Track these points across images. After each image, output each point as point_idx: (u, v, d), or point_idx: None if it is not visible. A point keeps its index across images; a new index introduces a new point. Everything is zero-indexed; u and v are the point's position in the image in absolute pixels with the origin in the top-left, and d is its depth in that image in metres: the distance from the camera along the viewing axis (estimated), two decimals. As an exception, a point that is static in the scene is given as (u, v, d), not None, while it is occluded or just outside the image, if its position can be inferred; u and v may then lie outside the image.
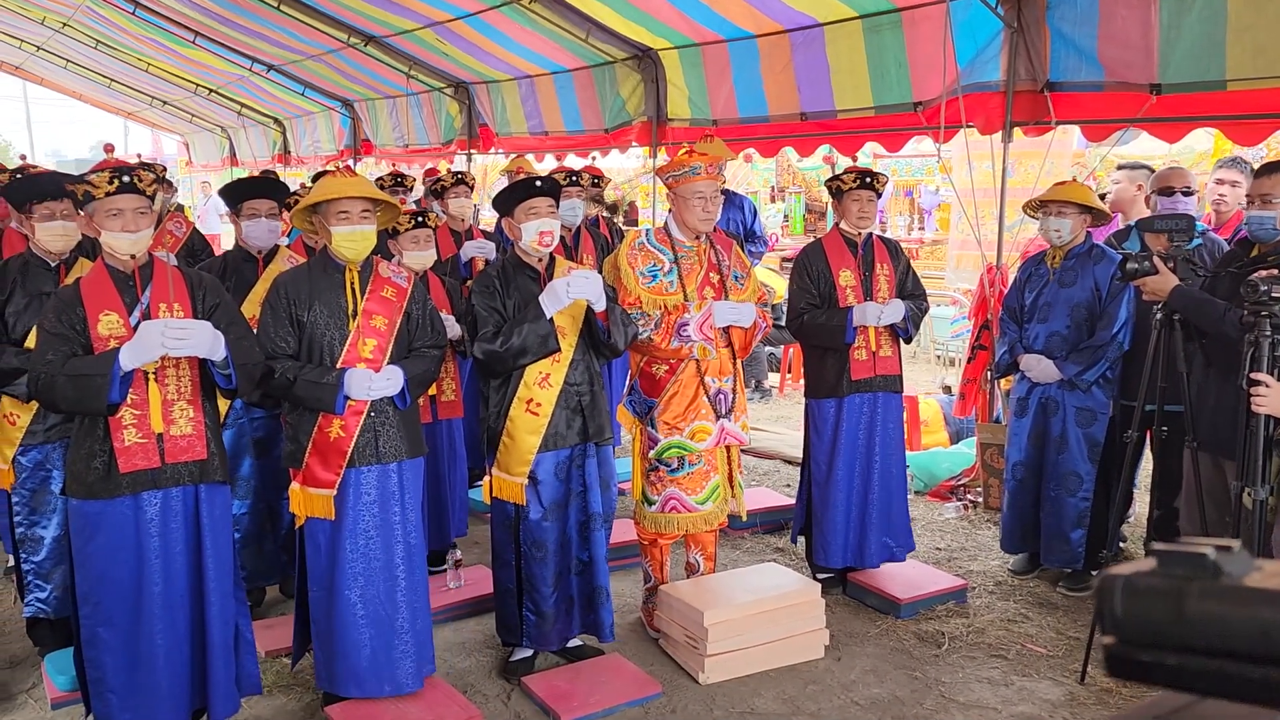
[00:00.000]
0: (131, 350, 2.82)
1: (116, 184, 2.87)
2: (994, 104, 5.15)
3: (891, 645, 4.02)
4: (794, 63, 6.11)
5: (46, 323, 2.95)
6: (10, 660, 3.95)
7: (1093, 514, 4.39)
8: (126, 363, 2.82)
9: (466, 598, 4.35)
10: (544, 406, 3.57)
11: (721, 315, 3.87)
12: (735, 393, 4.02)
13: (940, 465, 5.92)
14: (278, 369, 3.23)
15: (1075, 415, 4.36)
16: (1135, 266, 3.48)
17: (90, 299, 2.95)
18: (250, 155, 14.94)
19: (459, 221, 5.65)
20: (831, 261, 4.32)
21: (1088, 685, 3.66)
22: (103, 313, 2.95)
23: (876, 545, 4.38)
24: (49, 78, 15.88)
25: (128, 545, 3.01)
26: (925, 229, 13.30)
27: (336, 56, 9.67)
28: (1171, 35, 4.36)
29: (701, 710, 3.56)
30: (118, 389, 2.84)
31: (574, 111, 8.14)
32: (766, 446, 6.82)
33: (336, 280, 3.36)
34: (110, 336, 2.94)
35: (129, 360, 2.83)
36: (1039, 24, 4.94)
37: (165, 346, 2.83)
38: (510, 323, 3.49)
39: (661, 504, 3.98)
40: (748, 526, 5.23)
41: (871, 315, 4.21)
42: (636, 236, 4.00)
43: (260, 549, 4.30)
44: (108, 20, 10.74)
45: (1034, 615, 4.27)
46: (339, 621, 3.34)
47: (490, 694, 3.69)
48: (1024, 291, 4.59)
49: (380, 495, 3.38)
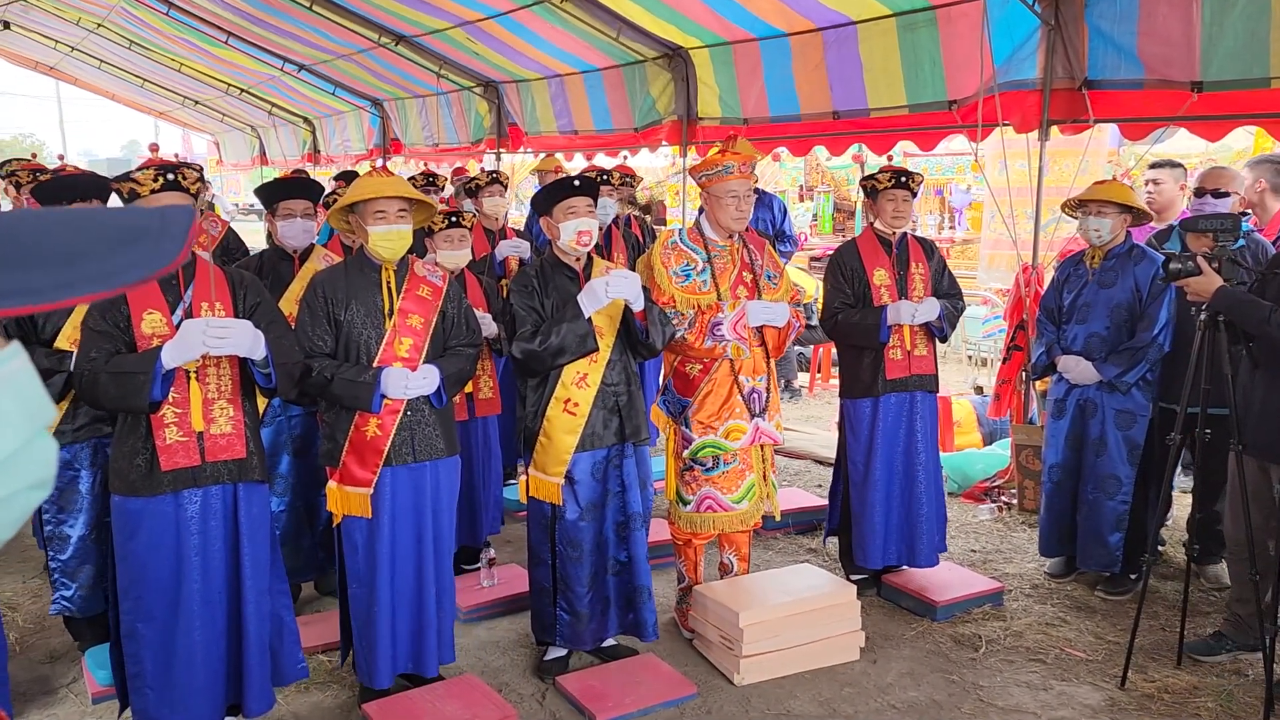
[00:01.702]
0: (173, 349, 2.85)
1: (161, 181, 2.90)
2: (1030, 102, 5.10)
3: (928, 648, 3.99)
4: (827, 61, 6.08)
5: (90, 321, 2.98)
6: (50, 655, 3.99)
7: (1131, 517, 4.34)
8: (168, 361, 2.84)
9: (500, 596, 4.35)
10: (581, 406, 3.57)
11: (755, 315, 3.85)
12: (769, 392, 4.01)
13: (974, 466, 5.87)
14: (315, 367, 3.25)
15: (1114, 417, 4.31)
16: (1178, 267, 3.43)
17: (134, 297, 2.98)
18: (280, 154, 15.05)
19: (493, 220, 5.66)
20: (866, 260, 4.30)
21: (1128, 690, 3.62)
22: (146, 311, 2.97)
23: (927, 544, 4.36)
24: (82, 78, 16.05)
25: (168, 542, 3.03)
26: (956, 228, 13.20)
27: (367, 56, 9.72)
28: (1214, 32, 4.30)
29: (737, 711, 3.54)
30: (159, 387, 2.86)
31: (604, 110, 8.14)
32: (797, 446, 6.79)
33: (373, 279, 3.37)
34: (153, 335, 2.96)
35: (171, 359, 2.85)
36: (1077, 21, 4.89)
37: (206, 345, 2.85)
38: (549, 322, 3.49)
39: (697, 503, 3.97)
40: (780, 527, 5.21)
41: (906, 313, 4.18)
42: (669, 236, 3.99)
43: (298, 546, 4.32)
44: (142, 21, 10.84)
45: (1072, 619, 4.22)
46: (377, 616, 3.36)
47: (525, 693, 3.69)
48: (1062, 292, 4.54)
49: (415, 493, 3.40)
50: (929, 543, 4.38)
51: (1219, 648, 3.82)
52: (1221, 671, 3.74)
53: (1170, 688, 3.62)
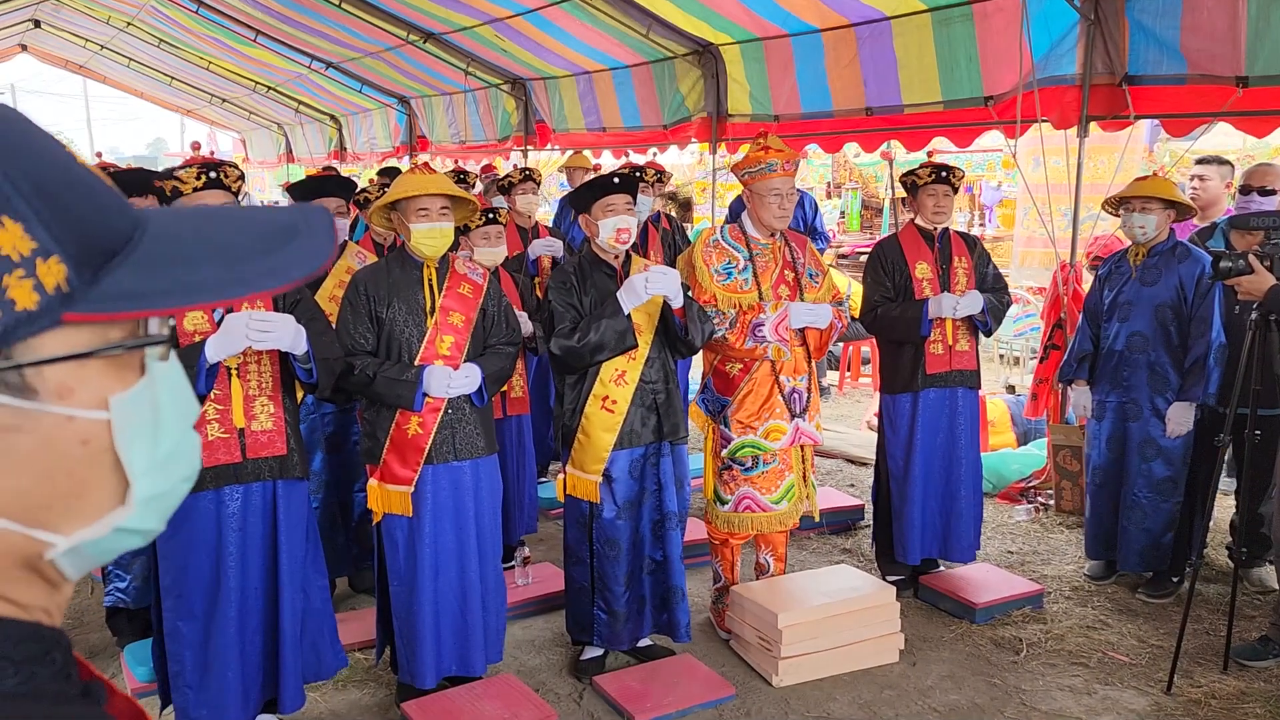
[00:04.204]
0: (217, 343, 2.84)
1: (204, 180, 2.90)
2: (1069, 98, 5.03)
3: (968, 651, 3.94)
4: (860, 57, 6.02)
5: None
6: (90, 651, 4.01)
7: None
8: (212, 355, 2.84)
9: (534, 595, 4.34)
10: (619, 404, 3.55)
11: (798, 317, 3.81)
12: (809, 392, 3.97)
13: (1009, 466, 5.81)
14: (357, 365, 3.24)
15: (1163, 420, 4.24)
16: (1229, 265, 3.37)
17: None
18: (306, 152, 15.11)
19: (525, 218, 5.64)
20: (908, 254, 4.25)
21: (1174, 696, 3.56)
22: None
23: (965, 539, 4.33)
24: (111, 76, 16.16)
25: (209, 539, 3.04)
26: (987, 225, 13.08)
27: (395, 53, 9.72)
28: (1260, 26, 4.23)
29: (776, 713, 3.51)
30: (204, 381, 2.87)
31: (632, 107, 8.11)
32: (830, 445, 6.74)
33: (415, 277, 3.36)
34: (195, 331, 2.96)
35: (214, 353, 2.84)
36: (1118, 16, 4.82)
37: (250, 339, 2.84)
38: (588, 318, 3.46)
39: (735, 503, 3.93)
40: (815, 527, 5.17)
41: (948, 306, 4.13)
42: (711, 234, 3.95)
43: (332, 543, 4.32)
44: (171, 19, 10.90)
45: (1114, 622, 4.17)
46: (418, 615, 3.35)
47: (562, 693, 3.67)
48: (1103, 289, 4.48)
49: (456, 491, 3.39)
50: (966, 538, 4.35)
51: (1266, 652, 3.75)
52: (1269, 677, 3.68)
53: (1217, 693, 3.56)
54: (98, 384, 0.60)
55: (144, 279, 0.58)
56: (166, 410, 0.64)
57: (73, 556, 0.62)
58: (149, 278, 0.59)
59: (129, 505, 0.62)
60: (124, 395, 0.61)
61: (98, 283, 0.57)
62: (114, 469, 0.61)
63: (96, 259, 0.58)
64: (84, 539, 0.61)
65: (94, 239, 0.58)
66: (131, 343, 0.61)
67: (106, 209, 0.60)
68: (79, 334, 0.58)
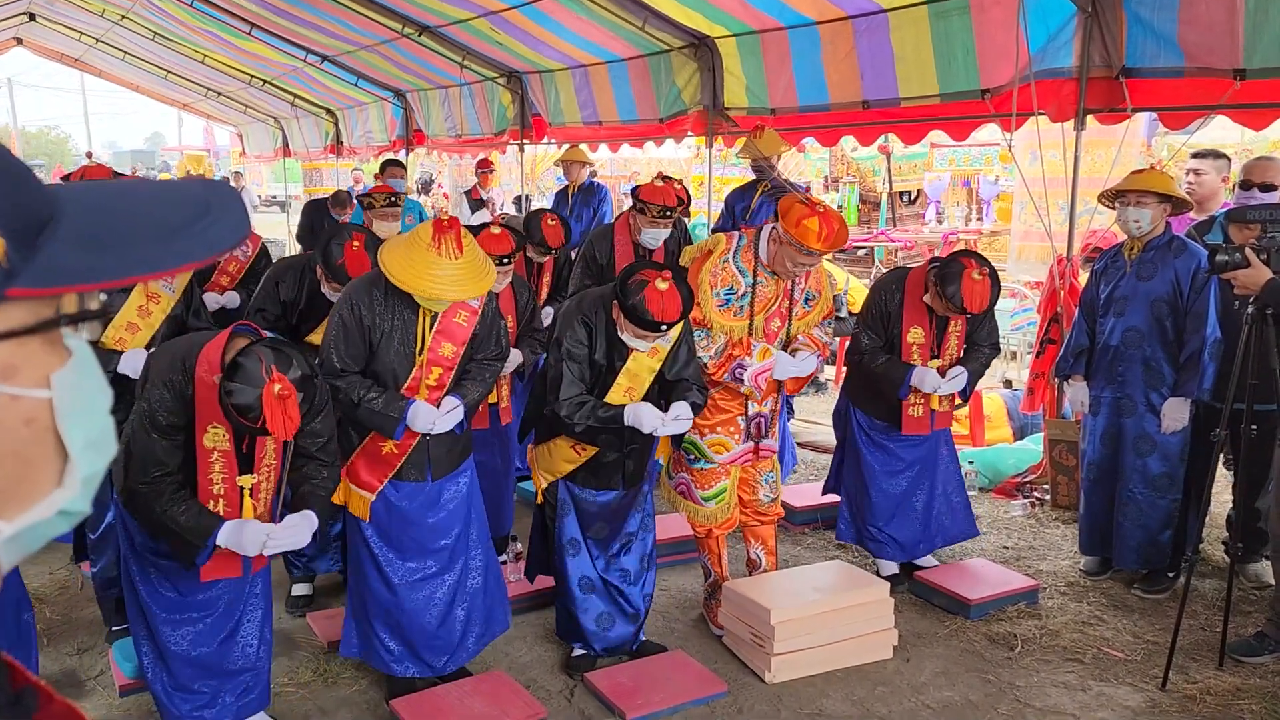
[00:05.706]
0: (229, 540, 2.84)
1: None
2: (1067, 91, 5.00)
3: (962, 647, 3.92)
4: (857, 50, 5.98)
5: (151, 421, 2.81)
6: (79, 648, 3.98)
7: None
8: (221, 542, 2.85)
9: (526, 591, 4.30)
10: (589, 449, 3.56)
11: (782, 370, 3.83)
12: (774, 413, 4.03)
13: (1005, 461, 5.78)
14: (341, 387, 3.19)
15: (1158, 416, 4.21)
16: (1225, 259, 3.34)
17: (201, 408, 2.81)
18: (303, 146, 15.06)
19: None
20: (905, 314, 4.18)
21: (1169, 692, 3.54)
22: (210, 424, 2.82)
23: (936, 528, 4.42)
24: (107, 70, 16.10)
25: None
26: (984, 219, 13.04)
27: (390, 47, 9.68)
28: (1259, 18, 4.19)
29: (769, 710, 3.49)
30: (208, 554, 2.88)
31: (628, 101, 8.07)
32: (825, 441, 6.71)
33: (411, 320, 3.28)
34: (214, 449, 2.84)
35: (224, 542, 2.85)
36: (1115, 8, 4.78)
37: (265, 549, 2.86)
38: (593, 404, 3.41)
39: (675, 483, 4.07)
40: (808, 522, 5.16)
41: (930, 384, 4.10)
42: (725, 251, 3.87)
43: (325, 533, 4.30)
44: (165, 12, 10.85)
45: (1109, 618, 4.14)
46: (375, 607, 3.41)
47: (553, 690, 3.65)
48: (1099, 284, 4.44)
49: (424, 501, 3.42)
50: (949, 528, 4.47)
51: (1262, 648, 3.73)
52: (1265, 673, 3.66)
53: (1213, 689, 3.54)
54: (40, 361, 0.60)
55: (79, 255, 0.58)
56: (94, 388, 0.64)
57: (11, 544, 0.60)
58: (84, 253, 0.58)
59: (68, 486, 0.62)
60: (63, 372, 0.61)
61: (33, 259, 0.57)
62: (55, 449, 0.61)
63: (29, 235, 0.57)
64: (26, 523, 0.60)
65: (24, 216, 0.57)
66: (75, 316, 0.61)
67: (31, 187, 0.59)
68: (18, 310, 0.57)
